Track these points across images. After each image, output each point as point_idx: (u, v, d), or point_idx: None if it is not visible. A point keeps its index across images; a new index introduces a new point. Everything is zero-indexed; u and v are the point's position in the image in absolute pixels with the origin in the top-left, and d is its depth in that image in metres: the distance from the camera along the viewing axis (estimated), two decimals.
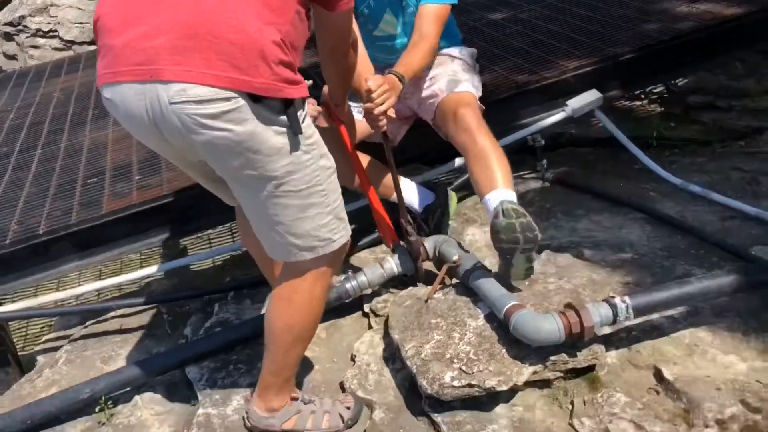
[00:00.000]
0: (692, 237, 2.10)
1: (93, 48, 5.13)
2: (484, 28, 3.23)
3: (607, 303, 1.60)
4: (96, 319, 2.47)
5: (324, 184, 1.45)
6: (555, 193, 2.55)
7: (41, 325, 3.07)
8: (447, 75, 2.13)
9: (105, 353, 2.23)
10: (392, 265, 2.01)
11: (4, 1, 6.12)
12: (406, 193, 2.19)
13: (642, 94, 3.48)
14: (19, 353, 2.69)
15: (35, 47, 5.90)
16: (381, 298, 2.04)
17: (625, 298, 1.61)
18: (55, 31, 5.84)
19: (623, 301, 1.60)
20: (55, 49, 5.81)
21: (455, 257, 1.88)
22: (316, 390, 1.81)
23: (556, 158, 2.80)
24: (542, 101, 2.54)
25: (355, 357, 1.87)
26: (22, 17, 5.88)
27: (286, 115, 1.33)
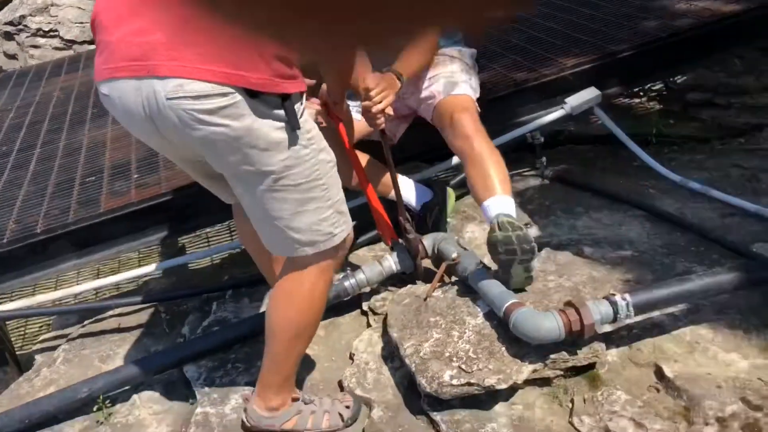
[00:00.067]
0: (692, 234, 2.09)
1: (93, 47, 5.11)
2: None
3: (608, 300, 1.60)
4: (94, 318, 2.46)
5: (324, 178, 1.44)
6: (554, 191, 2.54)
7: (39, 324, 3.06)
8: (445, 76, 2.12)
9: (103, 352, 2.22)
10: (391, 263, 2.00)
11: (5, 1, 6.11)
12: (404, 190, 2.18)
13: (641, 92, 3.46)
14: (18, 352, 2.68)
15: (36, 47, 5.88)
16: (380, 296, 2.03)
17: (626, 295, 1.60)
18: (56, 30, 5.83)
19: (623, 299, 1.59)
20: (56, 48, 5.79)
21: (454, 255, 1.88)
22: (314, 389, 1.80)
23: (556, 156, 2.79)
24: (541, 99, 2.52)
25: (354, 355, 1.86)
26: (23, 17, 5.87)
27: (284, 109, 1.32)
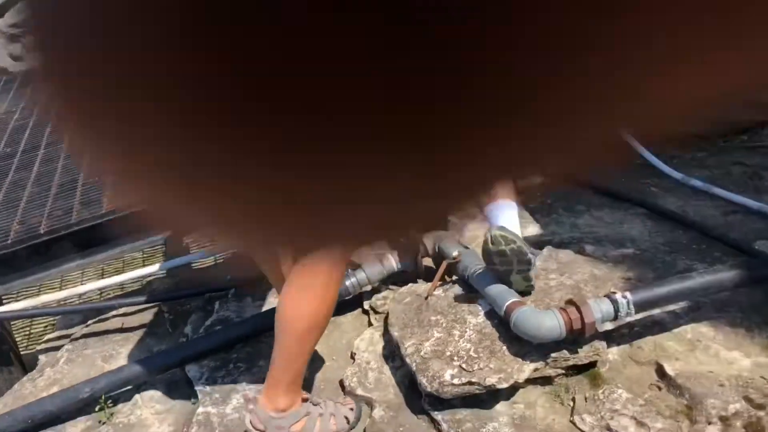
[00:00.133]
0: (694, 232, 2.08)
1: None
2: None
3: (608, 299, 1.59)
4: (97, 318, 2.47)
5: None
6: (556, 189, 2.54)
7: (44, 324, 3.08)
8: None
9: (106, 352, 2.23)
10: (392, 261, 2.00)
11: (9, 3, 6.13)
12: None
13: None
14: (23, 352, 2.69)
15: None
16: (381, 295, 2.03)
17: (626, 293, 1.60)
18: None
19: (624, 297, 1.58)
20: None
21: (455, 253, 1.87)
22: (315, 388, 1.80)
23: None
24: None
25: (355, 355, 1.86)
26: None
27: None
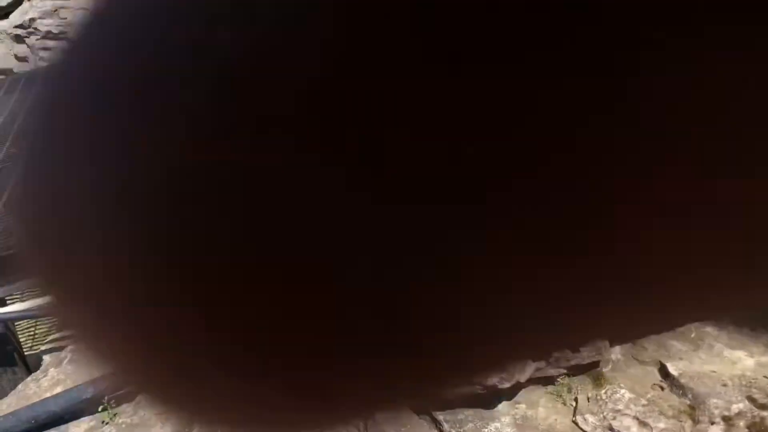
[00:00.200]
0: None
1: None
2: None
3: None
4: None
5: None
6: None
7: (48, 325, 3.09)
8: None
9: None
10: None
11: (15, 4, 6.17)
12: None
13: None
14: (27, 353, 2.70)
15: (46, 49, 5.94)
16: None
17: None
18: (65, 33, 5.88)
19: None
20: None
21: None
22: None
23: None
24: None
25: None
26: (32, 20, 5.93)
27: None
